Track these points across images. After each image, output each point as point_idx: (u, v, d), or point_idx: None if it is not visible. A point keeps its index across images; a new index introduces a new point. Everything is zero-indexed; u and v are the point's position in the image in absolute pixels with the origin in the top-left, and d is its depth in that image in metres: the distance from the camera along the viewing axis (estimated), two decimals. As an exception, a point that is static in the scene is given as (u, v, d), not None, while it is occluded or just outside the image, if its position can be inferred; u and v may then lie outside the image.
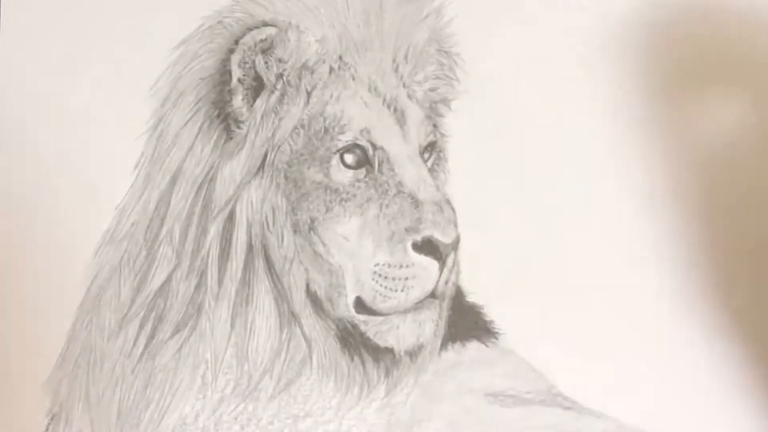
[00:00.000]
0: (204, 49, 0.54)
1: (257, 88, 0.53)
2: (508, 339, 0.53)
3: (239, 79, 0.53)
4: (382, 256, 0.52)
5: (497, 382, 0.52)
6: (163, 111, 0.54)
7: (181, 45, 0.55)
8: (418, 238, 0.52)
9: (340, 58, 0.53)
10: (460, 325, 0.53)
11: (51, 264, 0.54)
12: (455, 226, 0.53)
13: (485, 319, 0.53)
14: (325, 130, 0.53)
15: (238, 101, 0.53)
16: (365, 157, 0.53)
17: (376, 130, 0.53)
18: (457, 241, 0.53)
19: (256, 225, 0.53)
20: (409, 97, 0.54)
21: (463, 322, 0.53)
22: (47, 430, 0.53)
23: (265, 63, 0.53)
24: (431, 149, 0.54)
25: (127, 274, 0.54)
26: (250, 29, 0.53)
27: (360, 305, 0.53)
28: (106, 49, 0.55)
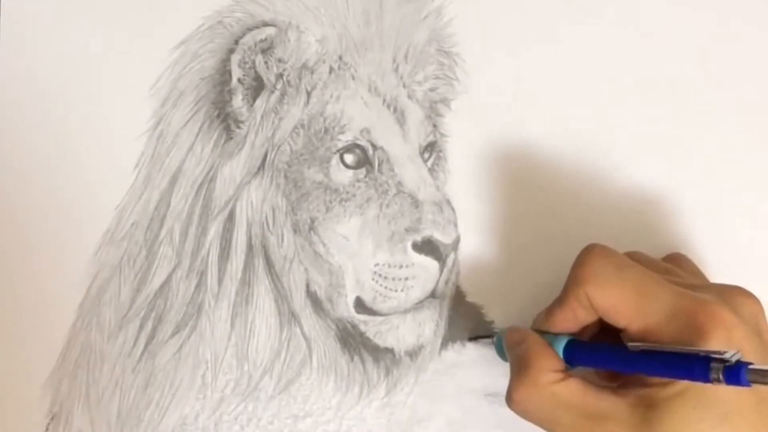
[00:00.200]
0: (204, 49, 0.54)
1: (257, 88, 0.53)
2: (508, 339, 0.53)
3: (239, 79, 0.53)
4: (382, 256, 0.52)
5: (497, 382, 0.52)
6: (163, 111, 0.54)
7: (181, 45, 0.55)
8: (418, 238, 0.52)
9: (340, 58, 0.53)
10: (460, 325, 0.53)
11: (51, 264, 0.54)
12: (455, 226, 0.53)
13: (485, 319, 0.53)
14: (325, 130, 0.53)
15: (238, 101, 0.53)
16: (365, 157, 0.53)
17: (376, 130, 0.53)
18: (457, 241, 0.53)
19: (256, 225, 0.53)
20: (409, 97, 0.54)
21: (463, 322, 0.53)
22: (47, 430, 0.53)
23: (265, 63, 0.53)
24: (431, 149, 0.54)
25: (127, 274, 0.54)
26: (250, 29, 0.53)
27: (360, 305, 0.53)
28: (106, 49, 0.55)
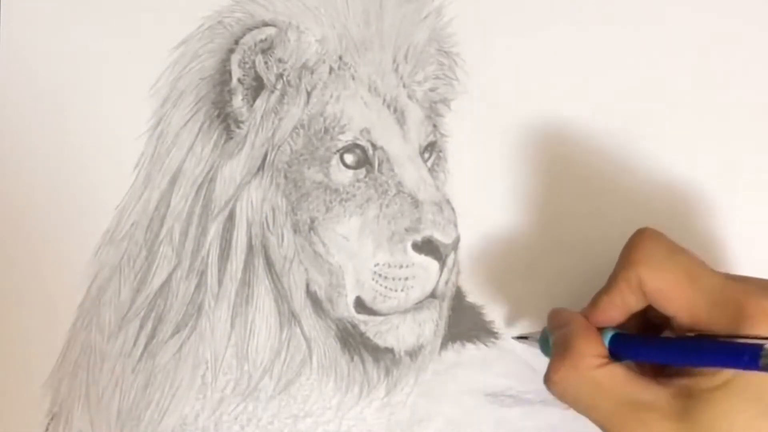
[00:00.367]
0: (204, 49, 0.54)
1: (257, 88, 0.53)
2: (508, 339, 0.53)
3: (239, 79, 0.53)
4: (382, 256, 0.52)
5: (497, 382, 0.52)
6: (163, 111, 0.54)
7: (181, 45, 0.55)
8: (418, 238, 0.52)
9: (340, 58, 0.53)
10: (460, 325, 0.53)
11: (51, 264, 0.54)
12: (455, 226, 0.53)
13: (485, 319, 0.53)
14: (325, 130, 0.53)
15: (238, 101, 0.53)
16: (365, 157, 0.53)
17: (376, 130, 0.53)
18: (457, 241, 0.53)
19: (256, 225, 0.53)
20: (409, 97, 0.54)
21: (463, 322, 0.53)
22: (47, 430, 0.53)
23: (265, 63, 0.53)
24: (431, 149, 0.54)
25: (127, 274, 0.54)
26: (250, 29, 0.53)
27: (360, 305, 0.53)
28: (106, 49, 0.55)
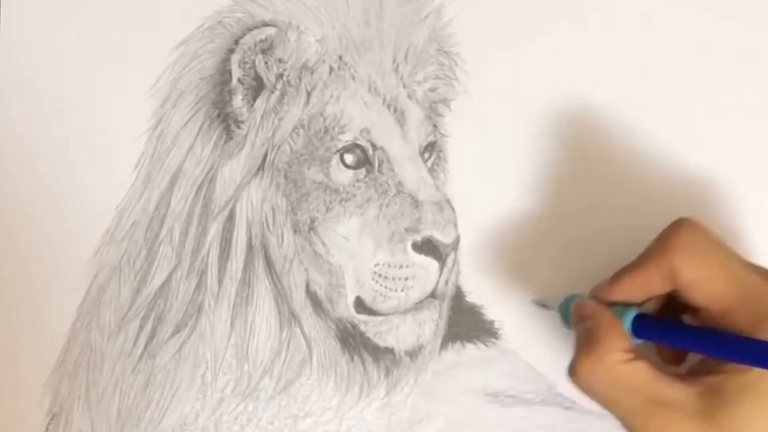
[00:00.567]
0: (204, 49, 0.54)
1: (257, 88, 0.53)
2: (508, 339, 0.53)
3: (239, 80, 0.53)
4: (382, 256, 0.52)
5: (497, 382, 0.52)
6: (163, 111, 0.54)
7: (181, 45, 0.55)
8: (418, 238, 0.52)
9: (340, 58, 0.53)
10: (460, 325, 0.53)
11: (51, 264, 0.54)
12: (455, 226, 0.53)
13: (485, 319, 0.53)
14: (325, 130, 0.53)
15: (238, 101, 0.53)
16: (365, 157, 0.53)
17: (376, 130, 0.53)
18: (457, 241, 0.53)
19: (256, 225, 0.53)
20: (409, 97, 0.54)
21: (463, 322, 0.53)
22: (47, 430, 0.53)
23: (265, 63, 0.53)
24: (431, 149, 0.54)
25: (127, 274, 0.54)
26: (250, 29, 0.53)
27: (360, 305, 0.53)
28: (106, 49, 0.55)
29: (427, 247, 0.52)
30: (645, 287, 0.44)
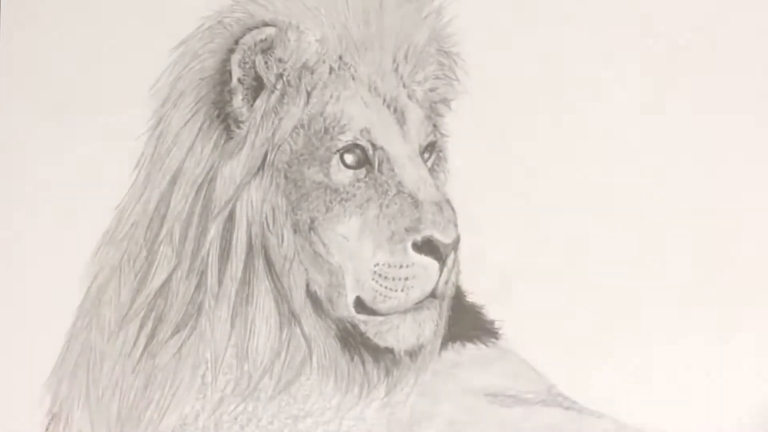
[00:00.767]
0: (204, 49, 0.54)
1: (257, 88, 0.53)
2: (508, 339, 0.53)
3: (239, 79, 0.53)
4: (382, 256, 0.52)
5: (497, 382, 0.52)
6: (163, 111, 0.54)
7: (181, 45, 0.55)
8: (418, 238, 0.52)
9: (340, 58, 0.53)
10: (460, 325, 0.53)
11: (51, 264, 0.54)
12: (455, 226, 0.53)
13: (485, 319, 0.53)
14: (325, 130, 0.53)
15: (238, 101, 0.53)
16: (365, 157, 0.53)
17: (376, 130, 0.53)
18: (457, 241, 0.53)
19: (256, 225, 0.53)
20: (409, 97, 0.54)
21: (463, 322, 0.53)
22: (47, 430, 0.53)
23: (265, 63, 0.53)
24: (431, 149, 0.54)
25: (127, 274, 0.54)
26: (250, 29, 0.53)
27: (360, 305, 0.53)
28: (106, 49, 0.55)
29: (427, 246, 0.52)
30: None
